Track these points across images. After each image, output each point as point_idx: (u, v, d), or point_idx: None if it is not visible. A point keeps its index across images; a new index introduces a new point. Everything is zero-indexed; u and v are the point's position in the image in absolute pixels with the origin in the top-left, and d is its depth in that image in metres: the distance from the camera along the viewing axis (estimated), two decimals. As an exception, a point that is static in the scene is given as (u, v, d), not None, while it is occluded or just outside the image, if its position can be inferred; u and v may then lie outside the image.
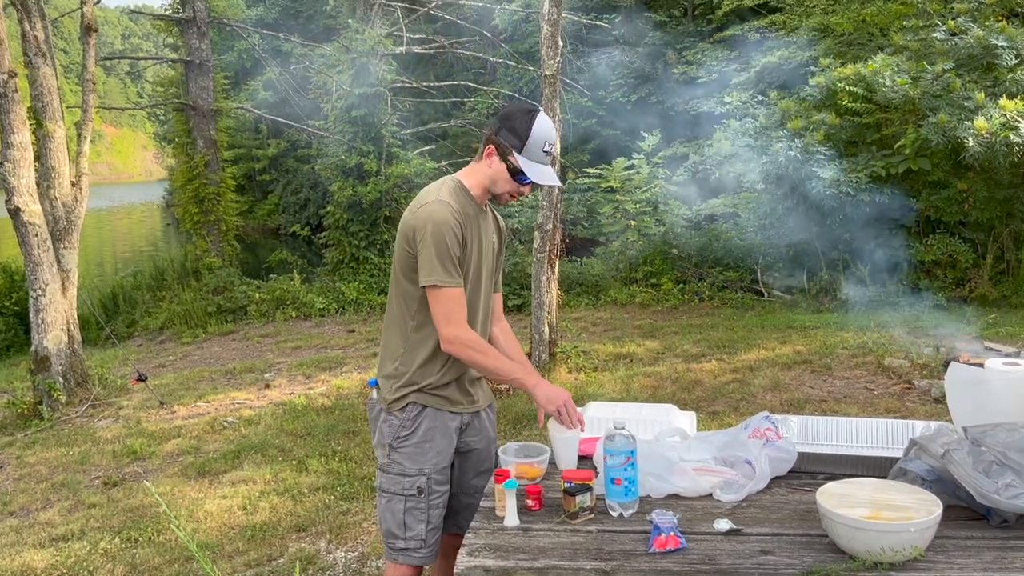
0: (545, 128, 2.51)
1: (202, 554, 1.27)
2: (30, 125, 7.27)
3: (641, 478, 2.36)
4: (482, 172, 2.57)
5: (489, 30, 16.02)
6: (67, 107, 9.04)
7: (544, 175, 2.53)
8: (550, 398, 2.49)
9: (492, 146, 2.54)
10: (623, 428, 2.30)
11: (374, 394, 2.69)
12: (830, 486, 2.14)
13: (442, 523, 2.65)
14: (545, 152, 2.52)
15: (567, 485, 2.29)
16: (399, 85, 14.77)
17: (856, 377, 6.57)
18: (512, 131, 2.50)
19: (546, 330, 6.90)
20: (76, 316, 7.60)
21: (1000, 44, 9.02)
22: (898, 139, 9.33)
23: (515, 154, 2.50)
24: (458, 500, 2.76)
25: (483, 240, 2.62)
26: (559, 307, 7.30)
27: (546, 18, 6.64)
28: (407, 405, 2.59)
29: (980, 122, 8.30)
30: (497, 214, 2.79)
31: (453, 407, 2.63)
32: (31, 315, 7.25)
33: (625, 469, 2.27)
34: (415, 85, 15.69)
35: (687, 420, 2.89)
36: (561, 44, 6.94)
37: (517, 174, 2.51)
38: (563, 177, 12.54)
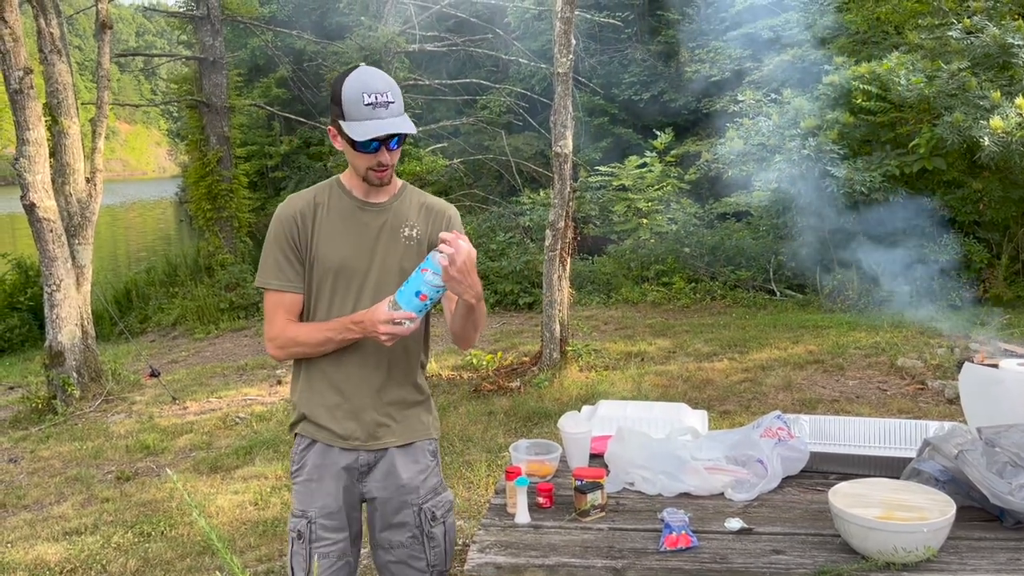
0: (357, 80, 2.11)
1: (223, 545, 1.27)
2: (45, 121, 7.32)
3: (653, 476, 2.37)
4: (348, 161, 2.27)
5: (502, 28, 16.01)
6: (82, 104, 9.12)
7: (370, 129, 2.09)
8: (370, 321, 2.13)
9: (331, 127, 2.21)
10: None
11: None
12: (842, 486, 2.13)
13: None
14: (368, 105, 2.09)
15: (578, 483, 2.29)
16: (411, 83, 14.79)
17: (869, 377, 6.54)
18: (332, 101, 2.15)
19: (557, 328, 6.89)
20: (90, 312, 7.66)
21: (1016, 43, 8.94)
22: (913, 138, 9.27)
23: (341, 122, 2.12)
24: (377, 555, 2.40)
25: (366, 236, 2.26)
26: (570, 305, 7.28)
27: (559, 15, 6.63)
28: (296, 435, 2.39)
29: (996, 121, 8.24)
30: (434, 207, 2.35)
31: (344, 443, 2.29)
32: (45, 310, 7.31)
33: (439, 291, 2.11)
34: (427, 83, 15.70)
35: (698, 419, 2.88)
36: (574, 42, 6.93)
37: (354, 144, 2.13)
38: (575, 175, 12.47)
